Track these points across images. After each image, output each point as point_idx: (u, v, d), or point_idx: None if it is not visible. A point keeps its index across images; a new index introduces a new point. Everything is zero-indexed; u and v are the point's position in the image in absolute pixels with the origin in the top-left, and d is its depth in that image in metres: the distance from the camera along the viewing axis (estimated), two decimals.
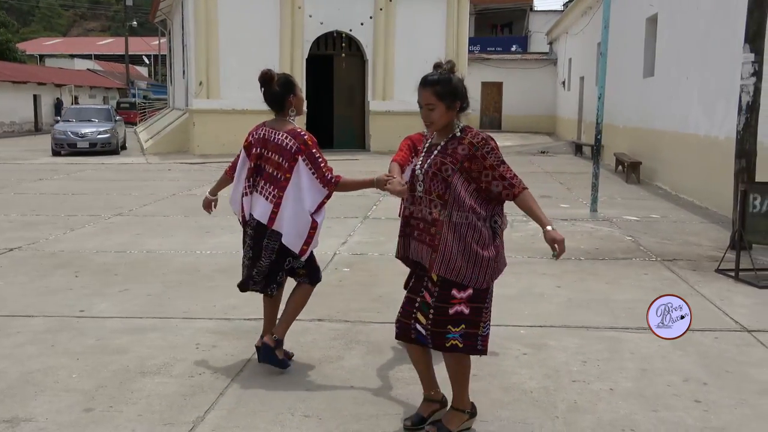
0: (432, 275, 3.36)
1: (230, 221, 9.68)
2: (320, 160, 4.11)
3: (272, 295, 4.36)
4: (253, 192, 4.25)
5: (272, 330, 4.34)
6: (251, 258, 4.29)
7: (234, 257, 7.46)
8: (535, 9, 39.94)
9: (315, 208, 4.14)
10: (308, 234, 4.16)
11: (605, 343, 4.89)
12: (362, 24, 22.67)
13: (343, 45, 22.96)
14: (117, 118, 24.57)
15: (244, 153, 4.33)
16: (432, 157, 3.40)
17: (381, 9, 22.52)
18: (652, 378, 4.28)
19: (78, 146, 21.94)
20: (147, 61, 67.85)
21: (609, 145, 17.31)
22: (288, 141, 4.13)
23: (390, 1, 22.58)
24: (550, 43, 34.22)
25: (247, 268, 4.33)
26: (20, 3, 78.13)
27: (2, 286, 6.33)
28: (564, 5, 32.97)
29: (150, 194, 12.68)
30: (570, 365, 4.48)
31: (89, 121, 23.14)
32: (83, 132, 22.14)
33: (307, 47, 22.43)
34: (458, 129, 3.41)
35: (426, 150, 3.49)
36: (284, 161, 4.11)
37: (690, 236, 8.92)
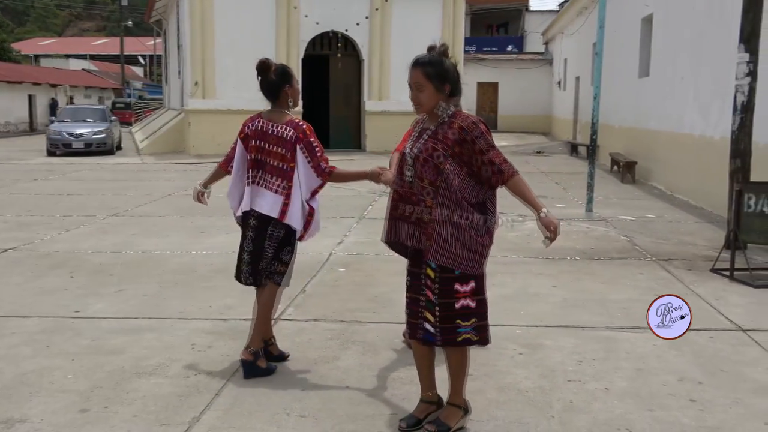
0: (428, 272, 3.36)
1: (226, 221, 9.65)
2: (317, 150, 4.15)
3: (262, 285, 4.30)
4: (255, 185, 4.25)
5: (247, 343, 4.30)
6: (251, 252, 4.27)
7: (230, 257, 7.44)
8: (531, 9, 40.00)
9: (309, 195, 4.22)
10: (306, 220, 4.22)
11: (601, 343, 4.90)
12: (358, 24, 22.67)
13: (339, 45, 22.95)
14: (112, 119, 24.51)
15: (241, 145, 4.32)
16: (423, 143, 3.38)
17: (377, 9, 22.52)
18: (648, 377, 4.29)
19: (73, 146, 21.89)
20: (142, 61, 67.72)
21: (604, 145, 17.33)
22: (288, 131, 4.17)
23: (386, 1, 22.59)
24: (546, 44, 34.26)
25: (249, 264, 4.29)
26: (15, 3, 77.93)
27: None
28: (559, 5, 32.99)
29: (145, 194, 12.66)
30: (565, 365, 4.48)
31: (84, 122, 23.07)
32: (78, 132, 22.09)
33: (303, 47, 22.42)
34: (448, 113, 3.39)
35: (417, 134, 3.47)
36: (287, 152, 4.15)
37: (685, 236, 8.93)
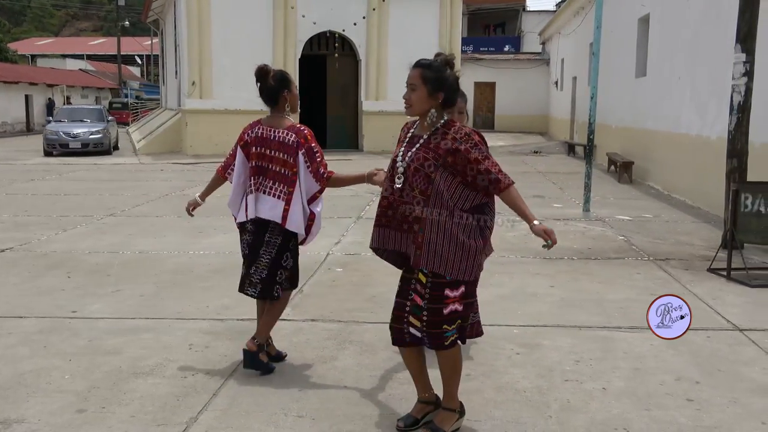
0: (420, 277, 3.34)
1: (223, 222, 9.65)
2: (317, 155, 4.18)
3: (278, 298, 4.31)
4: (257, 192, 4.26)
5: (254, 334, 4.34)
6: (248, 256, 4.31)
7: (227, 257, 7.45)
8: (528, 9, 39.95)
9: (308, 200, 4.24)
10: (307, 225, 4.25)
11: (598, 343, 4.90)
12: (355, 24, 22.67)
13: (336, 45, 22.95)
14: (109, 119, 24.49)
15: (242, 153, 4.32)
16: (414, 151, 3.36)
17: (374, 9, 22.52)
18: (645, 377, 4.29)
19: (70, 146, 21.86)
20: (139, 61, 67.65)
21: (601, 145, 17.36)
22: (289, 137, 4.19)
23: (383, 2, 22.59)
24: (543, 43, 34.27)
25: (245, 268, 4.34)
26: (12, 3, 77.79)
27: None
28: (556, 5, 32.99)
29: (143, 194, 12.65)
30: (563, 365, 4.49)
31: (81, 122, 23.05)
32: (75, 132, 22.07)
33: (300, 47, 22.42)
34: (441, 122, 3.37)
35: (408, 141, 3.45)
36: (289, 157, 4.17)
37: (682, 236, 8.95)
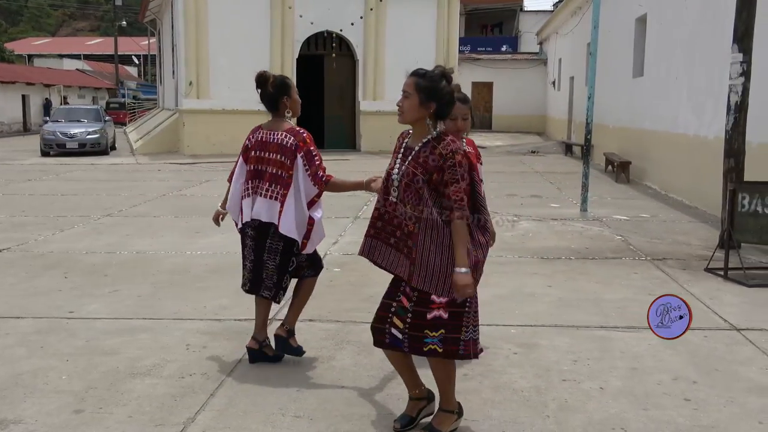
0: (402, 282, 3.35)
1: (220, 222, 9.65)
2: (316, 159, 4.19)
3: (279, 302, 4.42)
4: (255, 195, 4.29)
5: (282, 321, 4.45)
6: (253, 261, 4.34)
7: (224, 258, 7.45)
8: (525, 9, 40.01)
9: (307, 203, 4.22)
10: (306, 230, 4.24)
11: (596, 343, 4.91)
12: (353, 24, 22.67)
13: (334, 45, 22.95)
14: (106, 119, 24.46)
15: (242, 158, 4.38)
16: (406, 166, 3.34)
17: (371, 9, 22.52)
18: (642, 377, 4.30)
19: (67, 147, 21.83)
20: (136, 61, 67.56)
21: (599, 145, 17.36)
22: (288, 139, 4.20)
23: (380, 1, 22.59)
24: (540, 43, 34.30)
25: (251, 272, 4.37)
26: (8, 2, 77.66)
27: None
28: (554, 5, 33.05)
29: (140, 195, 12.63)
30: (560, 364, 4.49)
31: (78, 122, 23.02)
32: (72, 132, 22.03)
33: (298, 47, 22.41)
34: (433, 134, 3.33)
35: (402, 152, 3.42)
36: (286, 159, 4.18)
37: (679, 235, 8.96)
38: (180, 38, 22.02)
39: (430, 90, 3.29)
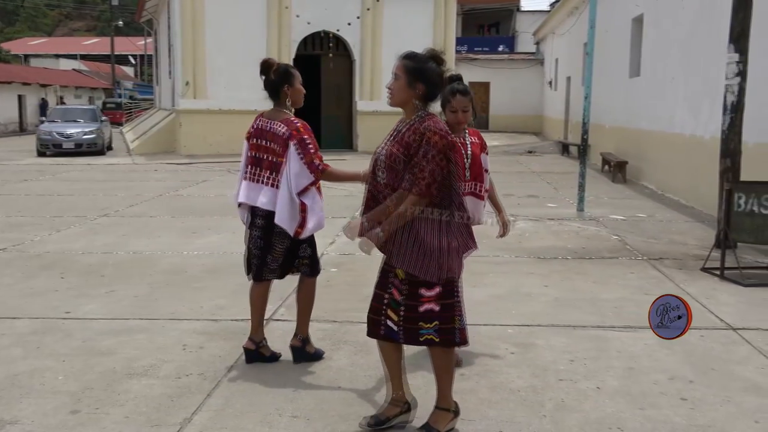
0: (398, 272, 3.35)
1: (217, 222, 9.64)
2: (310, 147, 4.18)
3: (282, 277, 4.45)
4: (255, 181, 4.33)
5: (295, 331, 4.48)
6: (261, 248, 4.34)
7: (221, 258, 7.44)
8: (522, 9, 40.05)
9: (300, 190, 4.16)
10: (301, 218, 4.19)
11: (592, 342, 4.91)
12: (349, 24, 22.66)
13: (331, 45, 22.94)
14: (103, 119, 24.41)
15: (246, 144, 4.44)
16: (388, 146, 3.35)
17: (368, 9, 22.51)
18: (639, 376, 4.30)
19: (63, 147, 21.79)
20: (133, 61, 67.45)
21: (595, 145, 17.36)
22: (281, 128, 4.23)
23: (377, 2, 22.59)
24: (537, 44, 34.34)
25: (257, 258, 4.36)
26: (5, 2, 77.50)
27: None
28: (550, 5, 33.04)
29: (136, 195, 12.61)
30: (557, 364, 4.49)
31: (75, 122, 22.97)
32: (69, 132, 21.99)
33: (295, 47, 22.39)
34: (420, 115, 3.33)
35: (391, 135, 3.43)
36: (279, 147, 4.21)
37: (676, 235, 8.97)
38: (176, 38, 21.99)
39: (417, 71, 3.32)
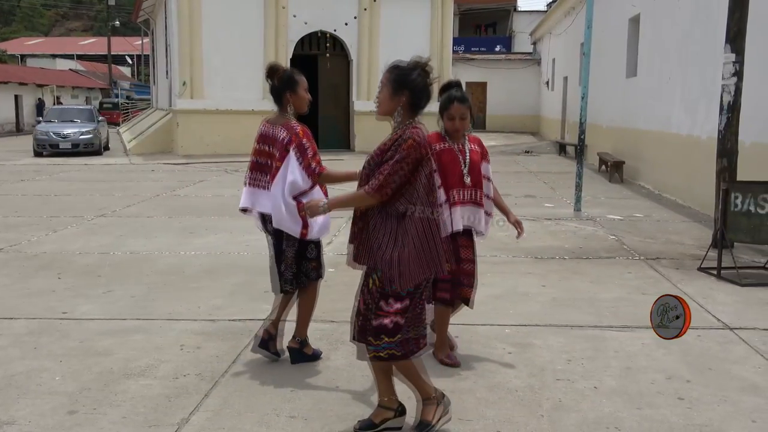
0: (374, 277, 3.34)
1: (215, 222, 9.63)
2: (308, 151, 4.19)
3: (305, 286, 4.44)
4: (257, 186, 4.37)
5: (294, 333, 4.50)
6: (276, 255, 4.37)
7: (218, 258, 7.44)
8: (519, 9, 40.06)
9: (296, 195, 4.14)
10: (301, 216, 4.17)
11: (590, 342, 4.92)
12: (346, 24, 22.65)
13: (328, 45, 22.92)
14: (100, 119, 24.38)
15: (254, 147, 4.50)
16: (372, 154, 3.39)
17: (365, 9, 22.51)
18: (636, 376, 4.31)
19: (60, 147, 21.75)
20: (130, 61, 67.42)
21: (592, 145, 17.40)
22: (281, 133, 4.25)
23: (374, 2, 22.58)
24: (534, 44, 34.35)
25: (272, 270, 4.42)
26: (1, 2, 77.37)
27: None
28: (547, 6, 33.09)
29: (133, 195, 12.59)
30: (555, 364, 4.50)
31: (71, 122, 22.93)
32: (65, 132, 21.95)
33: (292, 47, 22.38)
34: (405, 124, 3.34)
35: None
36: (277, 152, 4.23)
37: (673, 235, 8.98)
38: (173, 38, 21.97)
39: (401, 81, 3.35)
